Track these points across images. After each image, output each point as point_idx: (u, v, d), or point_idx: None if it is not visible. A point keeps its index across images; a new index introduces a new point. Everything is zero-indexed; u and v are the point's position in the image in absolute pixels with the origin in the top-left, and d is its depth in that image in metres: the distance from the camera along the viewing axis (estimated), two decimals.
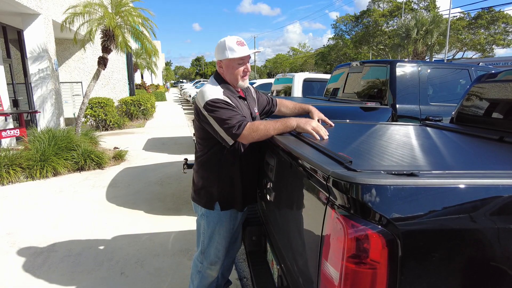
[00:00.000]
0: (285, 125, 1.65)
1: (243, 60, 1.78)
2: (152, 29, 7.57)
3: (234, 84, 1.83)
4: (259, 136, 1.64)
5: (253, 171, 1.91)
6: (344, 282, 0.87)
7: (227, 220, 1.88)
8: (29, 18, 7.34)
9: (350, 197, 0.87)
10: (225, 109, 1.65)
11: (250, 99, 1.96)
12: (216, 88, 1.76)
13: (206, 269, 1.97)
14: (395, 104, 3.61)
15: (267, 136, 1.64)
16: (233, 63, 1.77)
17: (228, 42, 1.74)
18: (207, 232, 1.91)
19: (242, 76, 1.81)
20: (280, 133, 1.65)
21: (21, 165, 5.16)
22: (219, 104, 1.66)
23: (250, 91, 2.04)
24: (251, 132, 1.62)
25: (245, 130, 1.61)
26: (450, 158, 1.31)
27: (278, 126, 1.64)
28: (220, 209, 1.84)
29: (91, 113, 9.90)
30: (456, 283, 0.88)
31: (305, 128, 1.61)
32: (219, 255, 1.94)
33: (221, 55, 1.78)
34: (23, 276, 2.63)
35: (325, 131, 1.62)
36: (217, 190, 1.83)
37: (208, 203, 1.86)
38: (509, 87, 2.01)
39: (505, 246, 0.89)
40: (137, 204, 4.15)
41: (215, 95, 1.69)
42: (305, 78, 6.78)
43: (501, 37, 29.07)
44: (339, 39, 38.56)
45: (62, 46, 10.94)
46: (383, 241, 0.84)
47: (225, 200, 1.84)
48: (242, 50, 1.74)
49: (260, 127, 1.62)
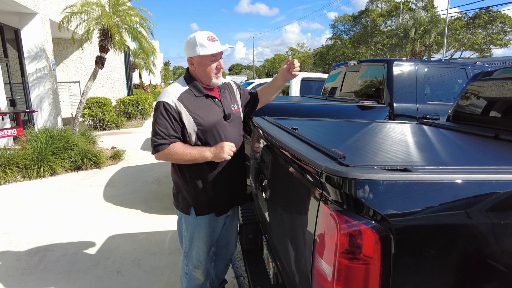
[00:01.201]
0: (201, 156, 1.68)
1: (215, 56, 1.69)
2: (150, 29, 7.55)
3: (207, 82, 1.75)
4: (175, 161, 1.72)
5: (232, 175, 1.85)
6: (337, 278, 0.87)
7: (205, 225, 1.83)
8: (26, 18, 7.31)
9: (343, 193, 0.87)
10: (162, 120, 1.66)
11: (227, 96, 1.88)
12: (178, 89, 1.72)
13: (192, 272, 1.96)
14: (392, 103, 3.61)
15: (183, 162, 1.72)
16: (204, 60, 1.69)
17: (198, 38, 1.65)
18: (187, 236, 1.88)
19: (216, 73, 1.73)
20: (194, 162, 1.70)
21: (18, 164, 5.15)
22: (164, 111, 1.65)
23: (231, 87, 1.97)
24: (166, 156, 1.68)
25: (160, 153, 1.68)
26: (444, 155, 1.31)
27: (195, 154, 1.67)
28: (196, 214, 1.80)
29: (88, 113, 9.88)
30: (449, 278, 0.88)
31: (221, 156, 1.66)
32: (201, 259, 1.90)
33: (191, 52, 1.69)
34: (19, 275, 2.62)
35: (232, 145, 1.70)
36: (190, 196, 1.79)
37: (184, 207, 1.83)
38: (505, 85, 2.01)
39: (498, 242, 0.89)
40: (134, 204, 4.14)
41: (169, 99, 1.67)
42: (303, 78, 6.78)
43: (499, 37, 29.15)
44: (337, 39, 38.60)
45: (59, 45, 10.90)
46: (376, 236, 0.84)
47: (200, 205, 1.79)
48: (213, 46, 1.66)
49: (178, 153, 1.66)
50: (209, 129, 1.73)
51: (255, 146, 2.03)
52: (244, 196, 1.99)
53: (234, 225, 2.09)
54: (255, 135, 2.07)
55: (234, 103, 1.91)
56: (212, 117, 1.74)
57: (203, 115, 1.71)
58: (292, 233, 1.19)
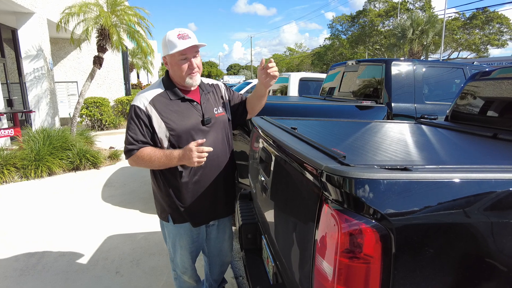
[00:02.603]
0: (168, 159, 1.58)
1: (185, 55, 1.57)
2: (148, 28, 7.55)
3: (181, 82, 1.64)
4: (146, 166, 1.64)
5: (215, 184, 1.74)
6: (338, 277, 0.87)
7: (186, 232, 1.76)
8: (24, 17, 7.28)
9: (344, 192, 0.87)
10: (132, 125, 1.60)
11: (210, 99, 1.76)
12: (151, 92, 1.64)
13: (181, 276, 1.93)
14: (391, 103, 3.62)
15: (152, 167, 1.64)
16: (175, 59, 1.58)
17: (169, 36, 1.56)
18: (170, 243, 1.85)
19: (189, 73, 1.61)
20: (165, 167, 1.63)
21: (16, 165, 5.12)
22: (134, 115, 1.60)
23: (218, 89, 1.84)
24: (136, 161, 1.62)
25: (130, 159, 1.62)
26: (443, 154, 1.32)
27: (161, 158, 1.58)
28: (173, 222, 1.74)
29: (86, 113, 9.85)
30: (449, 277, 0.88)
31: (191, 161, 1.53)
32: (186, 265, 1.86)
33: (164, 51, 1.61)
34: (17, 276, 2.61)
35: (205, 149, 1.54)
36: (166, 203, 1.72)
37: (162, 214, 1.78)
38: (503, 85, 2.02)
39: (497, 240, 0.89)
40: (133, 204, 4.13)
41: (141, 103, 1.60)
42: (301, 78, 6.78)
43: (496, 37, 29.32)
44: (335, 39, 38.69)
45: (57, 45, 10.86)
46: (377, 235, 0.84)
47: (176, 214, 1.71)
48: (182, 43, 1.54)
49: (145, 158, 1.59)
50: (182, 134, 1.62)
51: (254, 146, 2.03)
52: (229, 209, 1.88)
53: (226, 234, 1.99)
54: (254, 134, 2.06)
55: (219, 106, 1.78)
56: (187, 122, 1.63)
57: (176, 119, 1.61)
58: (292, 233, 1.19)
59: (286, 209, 1.30)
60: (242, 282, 2.56)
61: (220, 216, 1.88)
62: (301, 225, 1.11)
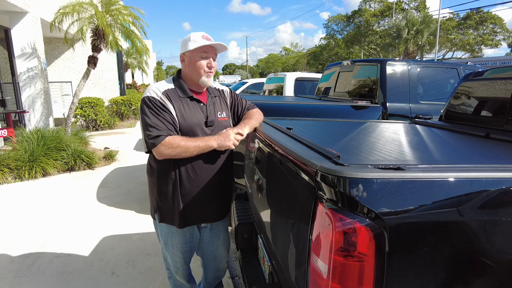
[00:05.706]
0: (206, 145, 1.60)
1: (206, 53, 1.66)
2: (143, 28, 7.50)
3: (196, 79, 1.69)
4: (177, 153, 1.56)
5: (208, 186, 1.73)
6: (332, 275, 0.88)
7: (178, 232, 1.76)
8: (17, 17, 7.21)
9: (338, 191, 0.88)
10: (153, 114, 1.57)
11: (216, 103, 1.80)
12: (162, 85, 1.68)
13: (174, 275, 1.94)
14: (386, 103, 3.64)
15: (188, 154, 1.58)
16: (195, 56, 1.65)
17: (192, 36, 1.66)
18: (161, 241, 1.86)
19: (207, 72, 1.68)
20: (201, 152, 1.61)
21: (9, 165, 5.08)
22: (151, 105, 1.59)
23: (224, 94, 1.88)
24: (168, 148, 1.54)
25: (161, 145, 1.54)
26: (437, 154, 1.33)
27: (200, 144, 1.58)
28: (158, 220, 1.75)
29: (81, 113, 9.78)
30: (442, 275, 0.90)
31: (226, 144, 1.61)
32: (177, 265, 1.87)
33: (184, 48, 1.68)
34: (12, 278, 2.59)
35: (239, 132, 1.68)
36: (156, 201, 1.73)
37: (151, 211, 1.80)
38: (495, 85, 2.05)
39: (489, 238, 0.91)
40: (128, 204, 4.11)
41: (154, 93, 1.62)
42: (296, 78, 6.81)
43: (489, 38, 29.60)
44: (331, 38, 38.82)
45: (51, 45, 10.77)
46: (370, 234, 0.85)
47: (163, 213, 1.73)
48: (206, 42, 1.64)
49: (181, 143, 1.55)
50: (187, 131, 1.65)
51: (250, 146, 2.03)
52: (220, 214, 1.88)
53: (220, 240, 1.97)
54: (250, 135, 2.07)
55: (223, 111, 1.81)
56: (193, 119, 1.67)
57: (185, 114, 1.65)
58: (287, 232, 1.20)
59: (281, 208, 1.30)
60: (238, 282, 2.56)
61: (211, 220, 1.86)
62: (296, 224, 1.12)
